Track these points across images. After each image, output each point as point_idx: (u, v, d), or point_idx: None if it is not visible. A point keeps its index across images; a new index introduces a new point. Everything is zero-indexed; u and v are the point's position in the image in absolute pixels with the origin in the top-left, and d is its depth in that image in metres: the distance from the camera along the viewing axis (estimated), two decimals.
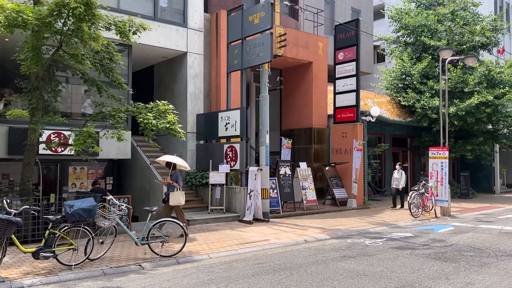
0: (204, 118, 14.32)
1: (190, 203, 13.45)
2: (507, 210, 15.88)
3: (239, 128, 12.81)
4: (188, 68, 14.52)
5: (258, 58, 12.46)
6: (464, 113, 18.72)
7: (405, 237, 10.04)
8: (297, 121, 18.14)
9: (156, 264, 7.41)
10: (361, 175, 16.36)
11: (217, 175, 12.93)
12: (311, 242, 9.61)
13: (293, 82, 18.38)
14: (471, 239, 9.69)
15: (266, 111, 12.77)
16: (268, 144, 12.76)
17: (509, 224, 12.02)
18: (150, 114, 9.73)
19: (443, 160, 14.15)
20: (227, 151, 13.22)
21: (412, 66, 20.23)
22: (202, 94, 14.87)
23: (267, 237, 9.87)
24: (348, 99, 16.80)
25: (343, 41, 17.17)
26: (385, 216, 13.86)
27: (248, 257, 8.01)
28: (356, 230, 10.99)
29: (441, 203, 14.04)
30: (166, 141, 15.49)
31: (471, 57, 14.80)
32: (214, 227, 11.31)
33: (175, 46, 14.19)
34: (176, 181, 10.15)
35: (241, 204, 12.65)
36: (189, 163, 14.34)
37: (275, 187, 13.84)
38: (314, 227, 11.47)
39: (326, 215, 14.03)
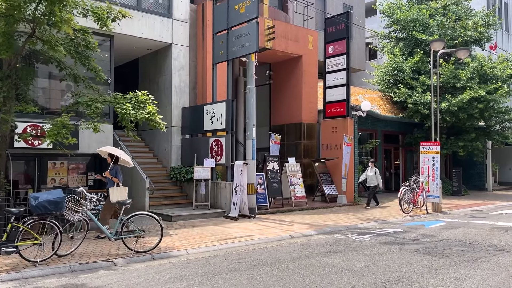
0: (190, 112, 13.89)
1: (174, 199, 13.05)
2: (500, 207, 15.59)
3: (224, 122, 12.40)
4: (173, 60, 14.08)
5: (244, 49, 12.05)
6: (456, 109, 18.44)
7: (394, 233, 9.68)
8: (287, 116, 17.76)
9: (130, 260, 6.97)
10: (351, 171, 16.00)
11: (202, 170, 12.51)
12: (297, 237, 9.22)
13: (283, 77, 18.00)
14: (462, 234, 9.34)
15: (253, 104, 12.36)
16: (255, 138, 12.36)
17: (502, 220, 11.70)
18: (128, 104, 9.29)
19: (435, 155, 13.82)
20: (213, 145, 12.80)
21: (403, 61, 19.92)
22: (187, 87, 14.43)
23: (251, 233, 9.47)
24: (338, 93, 16.43)
25: (333, 34, 16.79)
26: (375, 212, 13.50)
27: (229, 253, 7.60)
28: (344, 226, 10.61)
29: (433, 199, 13.71)
30: (151, 136, 15.06)
31: (462, 50, 14.49)
32: (198, 223, 10.88)
33: (159, 37, 13.75)
34: (115, 175, 9.25)
35: (226, 200, 12.23)
36: (174, 158, 13.98)
37: (262, 182, 13.44)
38: (301, 223, 11.08)
39: (315, 211, 13.65)
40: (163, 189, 13.24)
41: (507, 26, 27.40)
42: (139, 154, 14.58)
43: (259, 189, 13.26)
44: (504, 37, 27.13)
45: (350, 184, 16.06)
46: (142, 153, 14.75)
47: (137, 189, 12.36)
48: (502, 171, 28.12)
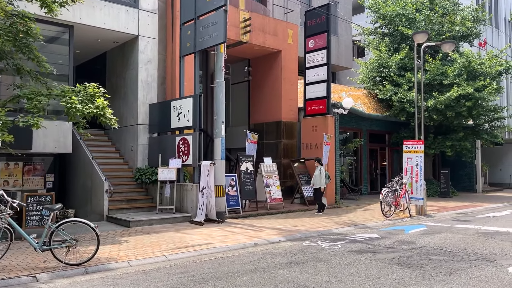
0: (157, 108, 12.97)
1: (138, 202, 12.12)
2: (488, 209, 14.80)
3: (191, 118, 11.50)
4: (140, 53, 13.14)
5: (211, 39, 11.16)
6: (443, 107, 17.66)
7: (370, 239, 8.81)
8: (266, 114, 16.87)
9: (57, 275, 6.04)
10: (331, 172, 15.12)
11: (167, 171, 11.58)
12: (261, 245, 8.33)
13: (262, 73, 17.13)
14: (443, 241, 8.50)
15: (222, 99, 11.46)
16: (224, 136, 11.45)
17: (488, 224, 10.88)
18: (75, 98, 8.35)
19: (418, 155, 13.00)
20: (179, 144, 11.89)
21: (389, 57, 19.13)
22: (156, 82, 13.49)
23: (212, 240, 8.56)
24: (319, 90, 15.57)
25: (314, 28, 15.94)
26: (355, 215, 12.65)
27: (176, 265, 6.69)
28: (318, 231, 9.73)
29: (416, 201, 12.88)
30: (117, 135, 14.12)
31: (448, 43, 13.68)
32: (158, 229, 9.96)
33: (124, 29, 12.81)
34: None
35: (193, 203, 11.32)
36: (140, 158, 13.05)
37: (234, 184, 12.55)
38: (271, 228, 10.20)
39: (291, 214, 12.77)
40: (126, 191, 12.30)
41: (497, 23, 26.73)
42: (104, 154, 13.65)
43: (230, 191, 12.37)
44: (494, 34, 26.45)
45: (331, 185, 15.19)
46: (108, 153, 13.81)
47: (96, 191, 11.41)
48: (492, 172, 27.44)
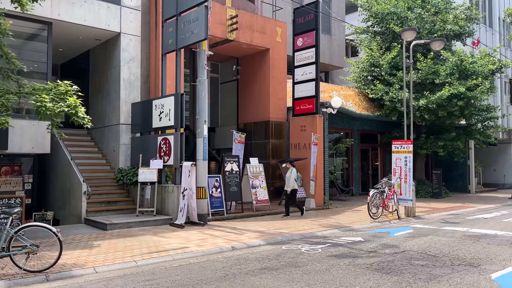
0: (140, 108, 12.63)
1: (118, 204, 11.79)
2: (479, 210, 14.52)
3: (173, 118, 11.17)
4: (122, 51, 12.81)
5: (192, 36, 10.83)
6: (435, 106, 17.38)
7: (352, 242, 8.51)
8: (254, 114, 16.57)
9: (14, 283, 5.71)
10: (320, 173, 14.84)
11: (148, 171, 11.26)
12: (239, 249, 8.01)
13: (250, 72, 16.82)
14: (428, 244, 8.20)
15: (204, 98, 11.15)
16: (206, 136, 11.13)
17: (476, 226, 10.60)
18: (45, 96, 8.03)
19: (407, 155, 12.71)
20: (161, 145, 11.56)
21: (381, 56, 18.84)
22: (139, 80, 13.16)
23: (188, 244, 8.24)
24: (307, 89, 15.27)
25: (302, 26, 15.65)
26: (343, 217, 12.34)
27: (144, 271, 6.36)
28: (301, 234, 9.42)
29: (405, 202, 12.58)
30: (100, 135, 13.79)
31: (437, 41, 13.38)
32: (136, 232, 9.63)
33: (105, 26, 12.48)
34: None
35: (174, 205, 10.99)
36: (122, 159, 12.72)
37: (218, 185, 12.23)
38: (254, 231, 9.88)
39: (277, 216, 12.45)
40: (106, 193, 11.96)
41: (491, 22, 26.49)
42: (86, 154, 13.32)
43: (214, 193, 12.05)
44: (488, 33, 26.21)
45: (320, 186, 14.89)
46: (90, 153, 13.47)
47: (74, 193, 11.08)
48: (486, 172, 27.20)
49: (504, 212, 13.91)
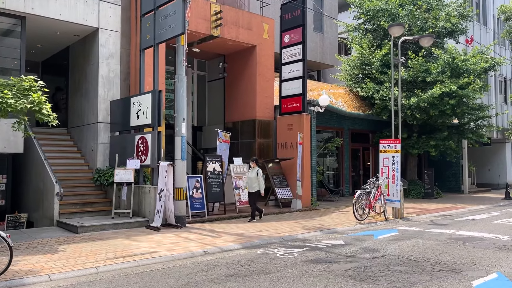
0: (118, 106, 12.19)
1: (94, 205, 11.35)
2: (470, 211, 14.15)
3: (150, 116, 10.75)
4: (100, 47, 12.37)
5: (170, 30, 10.42)
6: (426, 105, 17.00)
7: (332, 246, 8.10)
8: (241, 112, 16.14)
9: None
10: (307, 173, 14.42)
11: (124, 172, 10.83)
12: (212, 254, 7.60)
13: (237, 69, 16.40)
14: (411, 248, 7.80)
15: (183, 96, 10.72)
16: (185, 135, 10.71)
17: (464, 228, 10.20)
18: (7, 92, 7.61)
19: (395, 154, 12.32)
20: (138, 144, 11.14)
21: (371, 54, 18.46)
22: (118, 77, 12.72)
23: (159, 248, 7.83)
24: (294, 87, 14.86)
25: (289, 22, 15.23)
26: (328, 219, 11.94)
27: (102, 279, 5.94)
28: (280, 237, 9.02)
29: (393, 203, 12.19)
30: (79, 133, 13.36)
31: (426, 37, 13.00)
32: (108, 235, 9.20)
33: (82, 21, 12.03)
34: None
35: (151, 207, 10.57)
36: (101, 159, 12.28)
37: (200, 186, 11.80)
38: (233, 233, 9.47)
39: (261, 218, 12.03)
40: (83, 194, 11.52)
41: (485, 20, 26.12)
42: (64, 154, 12.87)
43: (195, 194, 11.63)
44: (482, 31, 25.84)
45: (307, 187, 14.48)
46: (68, 153, 13.02)
47: (47, 194, 10.64)
48: (480, 172, 26.85)
49: (495, 213, 13.54)
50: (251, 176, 11.50)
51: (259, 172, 11.46)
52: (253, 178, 11.43)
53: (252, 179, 11.46)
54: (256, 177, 11.37)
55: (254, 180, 11.40)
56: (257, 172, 11.42)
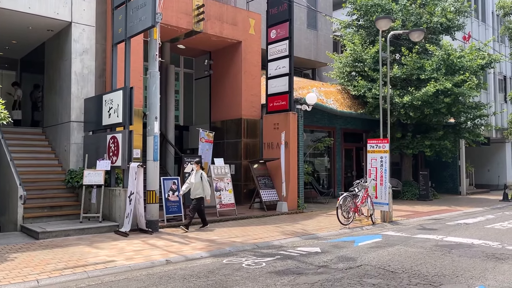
0: (92, 104, 11.58)
1: (64, 209, 10.77)
2: (464, 214, 13.49)
3: (121, 114, 10.15)
4: (73, 42, 11.78)
5: (140, 23, 9.82)
6: (420, 103, 16.34)
7: (307, 254, 7.48)
8: (227, 111, 15.54)
9: None
10: (293, 174, 13.79)
11: (94, 173, 10.24)
12: (174, 263, 6.99)
13: (222, 66, 15.81)
14: (391, 256, 7.17)
15: (155, 93, 10.11)
16: (158, 134, 10.10)
17: (454, 233, 9.56)
18: None
19: (383, 155, 11.69)
20: (110, 143, 10.54)
21: (364, 51, 17.81)
22: (93, 74, 12.13)
23: (118, 257, 7.22)
24: (281, 84, 14.24)
25: (276, 17, 14.61)
26: (313, 223, 11.32)
27: None
28: (254, 244, 8.40)
29: (381, 206, 11.55)
30: (53, 133, 12.78)
31: (416, 31, 12.36)
32: (71, 241, 8.60)
33: (54, 14, 11.45)
34: None
35: (121, 211, 9.97)
36: (73, 160, 11.70)
37: (176, 188, 11.19)
38: (205, 239, 8.86)
39: (243, 222, 11.44)
40: (52, 196, 10.92)
41: (484, 16, 25.44)
42: (37, 154, 12.30)
43: (171, 197, 11.02)
44: (481, 27, 25.16)
45: (293, 189, 13.85)
46: (42, 153, 12.44)
47: (13, 197, 10.04)
48: (479, 173, 26.16)
49: (490, 216, 12.88)
50: (195, 181, 10.09)
51: (204, 176, 10.21)
52: (197, 183, 10.05)
53: (195, 184, 10.05)
54: (200, 182, 10.07)
55: (198, 185, 10.03)
56: (201, 176, 10.14)
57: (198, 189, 10.06)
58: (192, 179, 10.21)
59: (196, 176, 10.17)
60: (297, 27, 22.27)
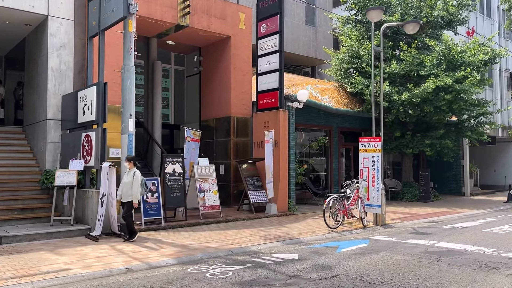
0: (69, 101, 11.03)
1: (35, 211, 10.24)
2: (464, 217, 12.77)
3: (94, 111, 9.62)
4: (50, 36, 11.26)
5: (112, 15, 9.29)
6: (419, 101, 15.62)
7: (282, 262, 6.85)
8: (216, 109, 14.96)
9: None
10: (283, 174, 13.16)
11: (66, 174, 9.72)
12: (135, 271, 6.42)
13: (212, 62, 15.23)
14: (373, 265, 6.52)
15: (130, 88, 9.53)
16: (133, 132, 9.52)
17: (447, 238, 8.86)
18: None
19: (375, 154, 11.02)
20: (84, 142, 10.01)
21: (361, 46, 17.13)
22: (71, 70, 11.60)
23: (76, 265, 6.66)
24: (271, 80, 13.63)
25: (266, 10, 14.00)
26: (300, 226, 10.69)
27: None
28: (229, 250, 7.80)
29: (373, 208, 10.88)
30: (32, 131, 12.30)
31: (411, 23, 11.66)
32: (35, 246, 8.07)
33: (29, 7, 10.94)
34: None
35: (93, 213, 9.41)
36: (50, 159, 11.18)
37: (156, 189, 10.62)
38: (178, 244, 8.28)
39: (225, 225, 10.84)
40: (24, 198, 10.40)
41: (489, 11, 24.56)
42: (14, 154, 11.81)
43: (150, 199, 10.44)
44: (486, 22, 24.28)
45: (283, 190, 13.23)
46: (19, 153, 11.94)
47: None
48: (486, 173, 25.29)
49: (491, 219, 12.13)
50: (126, 181, 8.71)
51: (137, 175, 8.64)
52: (128, 183, 8.64)
53: (127, 184, 8.67)
54: (131, 182, 8.61)
55: (130, 185, 8.62)
56: (133, 175, 8.65)
57: (130, 190, 8.64)
58: (125, 179, 8.80)
59: (128, 176, 8.74)
60: (296, 23, 21.68)
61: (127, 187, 8.63)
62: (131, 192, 8.57)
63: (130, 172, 8.77)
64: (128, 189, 8.61)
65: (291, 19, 21.09)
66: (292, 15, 21.35)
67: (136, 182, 8.55)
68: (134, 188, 8.53)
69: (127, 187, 8.64)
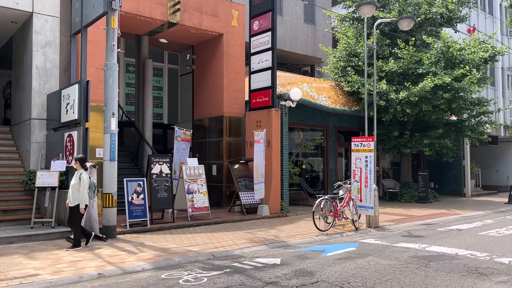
0: (53, 100, 10.79)
1: (18, 213, 10.01)
2: (461, 219, 12.39)
3: (77, 110, 9.35)
4: (35, 34, 11.02)
5: (93, 10, 9.03)
6: (417, 99, 15.25)
7: (262, 267, 6.54)
8: (209, 108, 14.66)
9: None
10: (275, 175, 12.84)
11: (47, 175, 9.46)
12: (106, 277, 6.13)
13: (204, 61, 14.94)
14: (356, 271, 6.19)
15: (113, 86, 9.24)
16: (115, 132, 9.22)
17: (439, 242, 8.50)
18: None
19: (368, 154, 10.68)
20: (67, 142, 9.75)
21: (358, 44, 16.77)
22: (57, 68, 11.35)
23: (46, 270, 6.39)
24: (263, 79, 13.32)
25: (258, 7, 13.69)
26: (290, 228, 10.36)
27: None
28: (210, 254, 7.50)
29: (365, 210, 10.53)
30: (18, 131, 12.08)
31: (405, 19, 11.32)
32: (11, 250, 7.80)
33: (13, 4, 10.71)
34: None
35: None
36: (34, 159, 10.96)
37: (142, 190, 10.35)
38: (159, 248, 7.99)
39: (213, 227, 10.53)
40: (6, 199, 10.13)
41: (491, 8, 24.10)
42: (1, 154, 11.56)
43: (135, 200, 10.18)
44: (488, 20, 23.83)
45: (276, 190, 12.91)
46: (5, 153, 11.70)
47: None
48: (488, 173, 24.83)
49: (488, 221, 11.74)
50: (73, 183, 7.98)
51: (83, 177, 7.95)
52: (75, 185, 7.93)
53: (74, 187, 7.94)
54: (78, 184, 7.89)
55: (76, 187, 7.91)
56: (79, 177, 7.95)
57: (75, 193, 7.92)
58: (72, 181, 8.08)
59: (75, 177, 8.04)
60: (294, 21, 21.34)
61: (74, 189, 7.95)
62: (76, 195, 7.89)
63: (77, 174, 8.06)
64: (75, 192, 7.93)
65: (289, 17, 20.77)
66: (290, 13, 21.02)
67: (84, 186, 7.91)
68: (80, 191, 7.86)
69: (74, 189, 7.97)
